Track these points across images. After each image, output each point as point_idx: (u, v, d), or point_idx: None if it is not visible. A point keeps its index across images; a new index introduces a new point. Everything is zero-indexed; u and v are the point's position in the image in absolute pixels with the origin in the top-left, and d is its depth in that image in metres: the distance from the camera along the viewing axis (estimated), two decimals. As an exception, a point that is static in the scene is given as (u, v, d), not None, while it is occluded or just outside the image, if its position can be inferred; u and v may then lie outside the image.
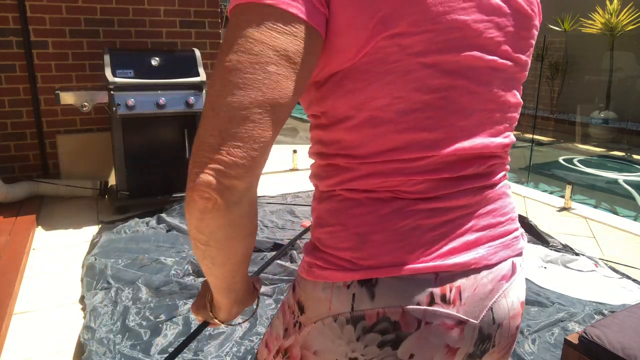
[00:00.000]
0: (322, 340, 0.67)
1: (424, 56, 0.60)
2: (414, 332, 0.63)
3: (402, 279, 0.63)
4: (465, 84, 0.64)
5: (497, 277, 0.68)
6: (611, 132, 8.00)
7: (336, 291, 0.65)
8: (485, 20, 0.63)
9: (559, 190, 5.02)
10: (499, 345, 0.72)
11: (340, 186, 0.67)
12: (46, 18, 3.90)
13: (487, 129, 0.68)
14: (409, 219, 0.64)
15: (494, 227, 0.70)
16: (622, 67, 8.23)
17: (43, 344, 2.08)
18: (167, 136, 3.67)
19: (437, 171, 0.65)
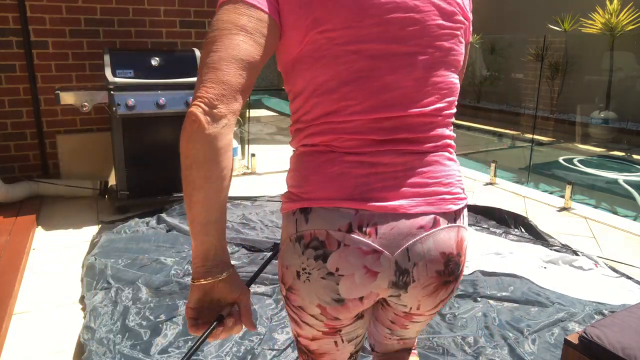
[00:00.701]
0: (287, 256, 0.90)
1: (349, 45, 0.82)
2: (336, 250, 0.84)
3: (329, 209, 0.85)
4: (386, 66, 0.84)
5: (414, 225, 0.85)
6: (611, 132, 7.99)
7: (289, 218, 0.90)
8: (402, 17, 0.82)
9: (559, 190, 5.02)
10: (419, 281, 0.88)
11: (299, 143, 0.92)
12: (46, 18, 3.90)
13: (414, 102, 0.86)
14: (338, 166, 0.86)
15: (420, 186, 0.87)
16: (622, 67, 8.23)
17: (43, 344, 2.08)
18: (167, 136, 3.67)
19: (364, 133, 0.85)
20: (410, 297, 0.90)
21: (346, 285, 0.85)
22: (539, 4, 9.52)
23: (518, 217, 3.45)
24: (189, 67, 3.72)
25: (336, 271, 0.85)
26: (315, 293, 0.87)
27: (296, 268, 0.88)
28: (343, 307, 0.88)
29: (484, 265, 2.77)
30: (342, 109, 0.85)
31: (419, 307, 0.94)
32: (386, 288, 0.88)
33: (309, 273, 0.87)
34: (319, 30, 0.82)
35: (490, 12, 10.63)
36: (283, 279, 0.92)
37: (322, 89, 0.85)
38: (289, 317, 0.97)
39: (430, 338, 2.08)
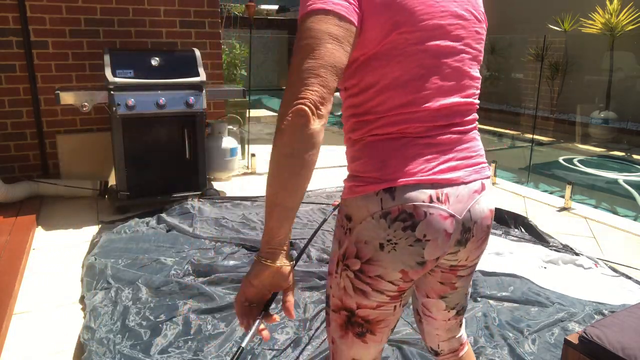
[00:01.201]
0: (367, 232, 1.01)
1: (419, 45, 0.98)
2: (423, 219, 0.98)
3: (411, 186, 0.99)
4: (445, 63, 1.01)
5: (471, 191, 1.04)
6: (611, 132, 7.99)
7: (370, 199, 1.00)
8: (454, 23, 1.01)
9: (559, 190, 5.02)
10: (476, 236, 1.09)
11: (367, 133, 1.03)
12: (46, 18, 3.90)
13: (460, 92, 1.04)
14: (412, 149, 1.00)
15: (468, 158, 1.06)
16: (622, 67, 8.23)
17: (43, 344, 2.08)
18: (167, 136, 3.67)
19: (431, 120, 1.01)
20: (465, 251, 1.10)
21: (430, 248, 1.01)
22: (539, 4, 9.52)
23: (518, 217, 3.45)
24: (189, 67, 3.72)
25: (424, 237, 0.99)
26: (401, 260, 1.01)
27: (379, 241, 1.00)
28: (423, 269, 1.04)
29: (484, 265, 2.77)
30: (414, 101, 1.00)
31: (467, 259, 1.13)
32: (452, 246, 1.05)
33: (395, 243, 1.00)
34: (398, 31, 0.96)
35: (491, 12, 10.61)
36: (358, 254, 1.03)
37: (396, 83, 0.99)
38: (352, 291, 1.06)
39: (430, 338, 2.08)
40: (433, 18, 0.98)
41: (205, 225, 3.31)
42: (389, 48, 0.97)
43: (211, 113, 4.61)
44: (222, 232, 3.19)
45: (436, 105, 1.01)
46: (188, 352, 1.98)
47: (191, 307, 2.28)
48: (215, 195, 3.84)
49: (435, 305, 1.25)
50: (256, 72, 17.06)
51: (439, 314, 1.25)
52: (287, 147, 0.89)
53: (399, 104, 1.00)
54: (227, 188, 4.31)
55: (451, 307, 1.25)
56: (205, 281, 2.50)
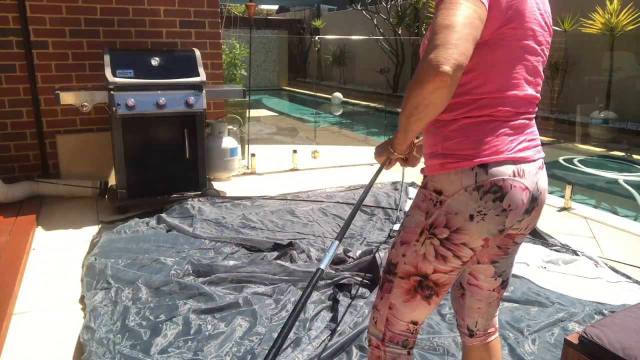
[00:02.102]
0: (460, 204, 1.16)
1: (520, 41, 1.17)
2: (510, 191, 1.15)
3: (501, 162, 1.15)
4: (532, 60, 1.20)
5: (536, 167, 1.22)
6: (611, 132, 7.99)
7: (465, 173, 1.16)
8: (539, 30, 1.21)
9: (559, 190, 5.02)
10: (538, 206, 1.26)
11: (462, 115, 1.18)
12: (46, 18, 3.90)
13: (535, 86, 1.24)
14: (501, 130, 1.17)
15: (533, 140, 1.24)
16: (622, 67, 8.23)
17: (43, 344, 2.08)
18: (167, 136, 3.67)
19: (515, 106, 1.19)
20: (529, 218, 1.27)
21: (511, 217, 1.17)
22: (539, 4, 9.51)
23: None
24: (189, 67, 3.72)
25: (508, 207, 1.16)
26: (487, 228, 1.16)
27: (470, 212, 1.16)
28: (501, 236, 1.21)
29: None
30: (508, 87, 1.17)
31: (527, 227, 1.31)
32: (522, 214, 1.22)
33: (484, 214, 1.15)
34: (509, 26, 1.14)
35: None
36: (449, 224, 1.18)
37: (495, 70, 1.16)
38: (432, 257, 1.20)
39: (431, 338, 2.08)
40: (530, 22, 1.17)
41: (205, 225, 3.31)
42: (497, 38, 1.15)
43: (211, 113, 4.61)
44: (222, 232, 3.19)
45: (521, 94, 1.19)
46: (188, 352, 1.98)
47: (191, 307, 2.28)
48: (215, 195, 3.84)
49: (485, 272, 1.37)
50: (256, 72, 17.06)
51: (486, 281, 1.37)
52: (424, 99, 1.05)
53: (494, 88, 1.17)
54: (227, 188, 4.31)
55: (499, 274, 1.37)
56: (205, 281, 2.50)
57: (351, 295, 2.41)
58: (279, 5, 21.43)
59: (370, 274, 2.56)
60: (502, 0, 1.12)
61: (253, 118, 8.75)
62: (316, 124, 9.26)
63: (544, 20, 1.22)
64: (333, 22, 16.72)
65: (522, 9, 1.14)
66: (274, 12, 22.86)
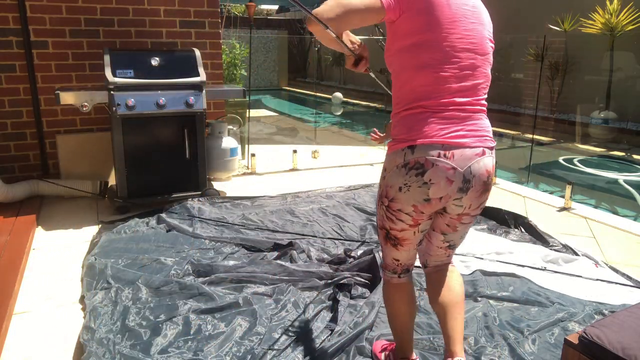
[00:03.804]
0: (393, 179, 1.50)
1: (447, 43, 1.44)
2: (431, 168, 1.43)
3: (426, 145, 1.42)
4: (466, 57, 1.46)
5: (473, 153, 1.46)
6: (611, 132, 7.99)
7: (398, 154, 1.48)
8: (472, 33, 1.46)
9: (559, 190, 5.02)
10: (475, 187, 1.50)
11: (402, 108, 1.50)
12: (46, 18, 3.90)
13: (468, 81, 1.47)
14: (431, 119, 1.44)
15: (476, 131, 1.48)
16: (622, 67, 8.22)
17: (43, 344, 2.08)
18: (167, 136, 3.67)
19: (446, 100, 1.44)
20: (467, 198, 1.51)
21: (434, 189, 1.45)
22: (539, 4, 9.52)
23: (518, 217, 3.45)
24: (189, 67, 3.72)
25: (429, 181, 1.44)
26: (413, 197, 1.48)
27: (399, 185, 1.48)
28: (428, 204, 1.49)
29: (484, 265, 2.77)
30: (436, 84, 1.45)
31: (470, 207, 1.54)
32: (455, 192, 1.47)
33: (409, 186, 1.46)
34: (431, 31, 1.43)
35: (490, 12, 10.62)
36: (387, 194, 1.53)
37: (424, 70, 1.45)
38: (385, 218, 1.58)
39: (431, 338, 2.08)
40: (457, 26, 1.43)
41: (205, 225, 3.31)
42: (422, 42, 1.42)
43: (211, 113, 4.61)
44: (222, 232, 3.19)
45: (453, 89, 1.44)
46: (188, 352, 1.98)
47: (191, 307, 2.28)
48: (215, 195, 3.84)
49: (436, 237, 1.69)
50: (256, 72, 17.06)
51: (437, 243, 1.70)
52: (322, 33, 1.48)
53: (423, 85, 1.44)
54: (227, 188, 4.31)
55: (447, 242, 1.69)
56: (205, 281, 2.50)
57: (351, 295, 2.41)
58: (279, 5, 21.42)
59: (370, 274, 2.56)
60: (417, 8, 1.39)
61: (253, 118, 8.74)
62: (316, 124, 9.26)
63: (477, 21, 1.49)
64: (333, 22, 16.69)
65: (442, 16, 1.40)
66: (274, 12, 22.86)
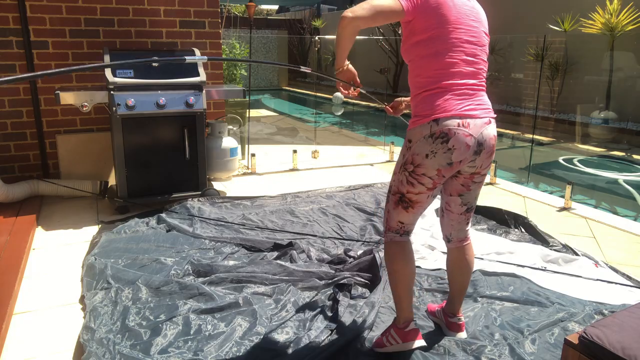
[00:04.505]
0: (420, 147, 1.77)
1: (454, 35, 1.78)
2: (453, 137, 1.72)
3: (448, 117, 1.73)
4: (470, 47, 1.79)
5: (483, 122, 1.77)
6: (611, 132, 7.99)
7: (425, 126, 1.76)
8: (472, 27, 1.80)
9: (559, 190, 5.02)
10: (485, 150, 1.80)
11: (422, 90, 1.79)
12: (46, 18, 3.90)
13: (473, 65, 1.79)
14: (448, 96, 1.74)
15: (481, 105, 1.79)
16: (622, 67, 8.22)
17: (43, 344, 2.08)
18: (167, 136, 3.67)
19: (458, 81, 1.76)
20: (480, 159, 1.81)
21: (456, 154, 1.74)
22: (539, 4, 9.52)
23: (518, 217, 3.45)
24: (189, 67, 3.72)
25: (452, 147, 1.73)
26: (438, 162, 1.75)
27: (426, 152, 1.76)
28: (450, 168, 1.77)
29: (484, 265, 2.77)
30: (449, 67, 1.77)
31: (481, 166, 1.84)
32: (472, 155, 1.77)
33: (435, 152, 1.74)
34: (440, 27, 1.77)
35: (490, 12, 10.61)
36: (413, 161, 1.79)
37: (437, 57, 1.77)
38: (406, 183, 1.83)
39: (431, 339, 2.08)
40: (461, 22, 1.76)
41: (205, 225, 3.31)
42: (434, 36, 1.74)
43: (211, 113, 4.61)
44: (222, 232, 3.19)
45: (464, 72, 1.76)
46: (188, 352, 1.98)
47: (191, 307, 2.28)
48: (215, 195, 3.84)
49: (454, 202, 1.95)
50: (256, 72, 17.06)
51: (456, 208, 1.95)
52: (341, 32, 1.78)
53: (439, 69, 1.75)
54: (227, 188, 4.31)
55: (464, 204, 1.95)
56: (205, 281, 2.50)
57: (351, 295, 2.41)
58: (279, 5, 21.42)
59: (370, 274, 2.56)
60: (435, 20, 1.72)
61: (253, 118, 8.74)
62: (316, 124, 9.26)
63: (476, 18, 1.80)
64: (333, 22, 16.72)
65: (449, 14, 1.73)
66: (274, 12, 22.86)
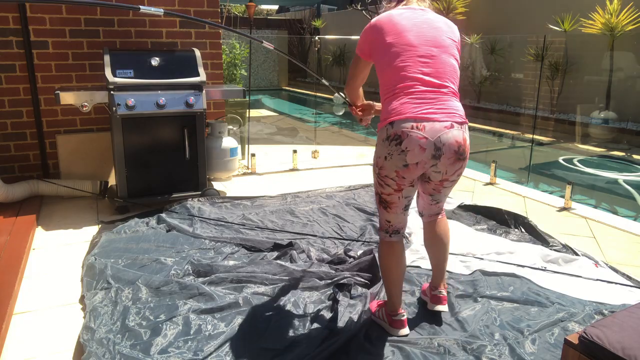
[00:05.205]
0: (380, 150, 1.90)
1: (409, 51, 1.94)
2: (406, 138, 1.81)
3: (402, 119, 1.83)
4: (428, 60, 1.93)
5: (442, 126, 1.83)
6: (611, 132, 7.99)
7: (382, 130, 1.89)
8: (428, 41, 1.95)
9: (559, 190, 5.02)
10: (445, 155, 1.85)
11: (385, 96, 1.94)
12: (46, 18, 3.90)
13: (434, 73, 1.91)
14: (405, 100, 1.85)
15: (444, 109, 1.86)
16: (622, 67, 8.22)
17: (43, 344, 2.08)
18: (167, 136, 3.67)
19: (417, 87, 1.87)
20: (442, 164, 1.86)
21: (410, 155, 1.81)
22: (539, 4, 9.52)
23: (518, 217, 3.45)
24: (189, 67, 3.72)
25: (405, 149, 1.81)
26: (394, 163, 1.85)
27: (384, 154, 1.86)
28: (407, 170, 1.85)
29: (484, 265, 2.77)
30: (405, 78, 1.89)
31: (447, 172, 1.90)
32: (429, 158, 1.83)
33: (391, 154, 1.84)
34: (394, 48, 1.96)
35: (491, 12, 10.62)
36: (377, 163, 1.92)
37: (396, 69, 1.91)
38: (378, 184, 1.97)
39: (431, 338, 2.08)
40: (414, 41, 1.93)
41: (205, 225, 3.31)
42: (392, 54, 1.91)
43: (211, 113, 4.61)
44: (222, 232, 3.19)
45: (425, 80, 1.87)
46: (188, 352, 1.98)
47: (191, 307, 2.28)
48: (215, 195, 3.84)
49: (426, 197, 2.14)
50: (256, 72, 17.06)
51: (427, 200, 2.15)
52: (347, 92, 2.31)
53: (396, 78, 1.88)
54: (227, 188, 4.31)
55: (434, 200, 2.13)
56: (205, 281, 2.50)
57: (351, 295, 2.41)
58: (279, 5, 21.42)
59: (370, 274, 2.56)
60: (382, 41, 1.93)
61: (253, 118, 8.74)
62: (316, 124, 9.26)
63: (429, 25, 1.93)
64: (333, 22, 16.72)
65: (398, 27, 1.91)
66: (274, 12, 22.86)
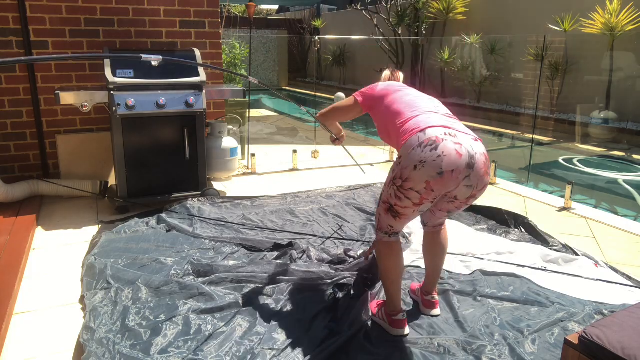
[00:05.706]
0: (409, 159, 1.84)
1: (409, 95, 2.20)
2: (441, 143, 1.80)
3: (435, 127, 1.87)
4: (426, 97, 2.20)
5: (470, 137, 1.88)
6: (611, 132, 7.98)
7: (413, 139, 1.86)
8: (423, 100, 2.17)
9: (559, 190, 5.02)
10: (478, 164, 1.84)
11: (398, 127, 2.02)
12: (46, 18, 3.90)
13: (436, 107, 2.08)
14: (427, 115, 1.98)
15: (461, 127, 1.93)
16: (622, 67, 8.22)
17: (43, 344, 2.08)
18: (167, 136, 3.67)
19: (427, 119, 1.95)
20: (474, 175, 1.84)
21: (446, 161, 1.77)
22: (539, 4, 9.52)
23: (518, 217, 3.45)
24: (188, 67, 3.72)
25: (442, 153, 1.77)
26: (426, 172, 1.79)
27: (414, 163, 1.81)
28: (442, 179, 1.79)
29: (484, 265, 2.77)
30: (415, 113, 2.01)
31: (477, 186, 1.88)
32: (464, 167, 1.80)
33: (424, 162, 1.79)
34: (394, 95, 2.20)
35: (490, 12, 10.62)
36: (402, 175, 1.86)
37: (405, 108, 2.08)
38: (394, 196, 1.93)
39: (431, 338, 2.08)
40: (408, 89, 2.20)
41: (205, 225, 3.31)
42: (392, 100, 2.15)
43: (211, 113, 4.61)
44: (222, 232, 3.19)
45: (434, 112, 1.99)
46: (188, 352, 1.98)
47: (191, 307, 2.28)
48: (215, 195, 3.84)
49: (440, 214, 2.12)
50: (256, 72, 17.06)
51: (440, 215, 2.14)
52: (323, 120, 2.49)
53: (407, 118, 1.99)
54: (227, 188, 4.31)
55: (450, 215, 2.15)
56: (205, 281, 2.50)
57: (351, 295, 2.41)
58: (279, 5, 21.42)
59: (370, 274, 2.56)
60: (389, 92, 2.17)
61: (253, 118, 8.74)
62: (316, 124, 9.26)
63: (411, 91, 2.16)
64: (333, 22, 16.72)
65: (395, 88, 2.18)
66: (274, 12, 22.86)
